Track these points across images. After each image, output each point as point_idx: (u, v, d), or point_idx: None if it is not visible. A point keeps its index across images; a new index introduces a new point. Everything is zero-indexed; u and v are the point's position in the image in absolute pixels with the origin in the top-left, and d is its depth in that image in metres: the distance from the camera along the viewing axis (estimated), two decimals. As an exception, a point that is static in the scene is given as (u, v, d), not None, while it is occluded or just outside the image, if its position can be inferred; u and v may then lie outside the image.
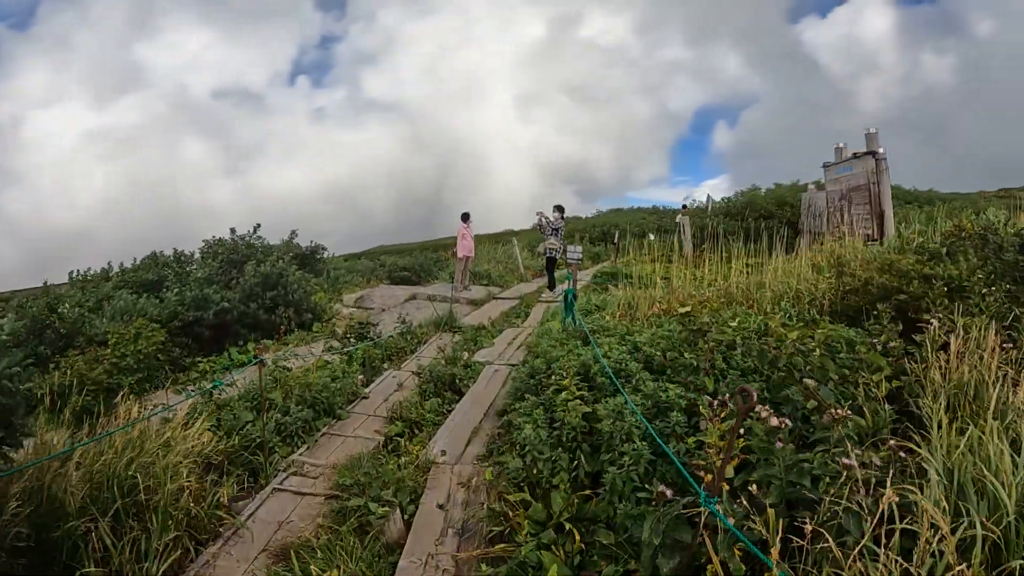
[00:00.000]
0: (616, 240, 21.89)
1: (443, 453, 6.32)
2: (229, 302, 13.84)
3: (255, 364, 6.57)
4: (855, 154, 16.70)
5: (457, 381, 8.49)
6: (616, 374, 5.93)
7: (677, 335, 6.90)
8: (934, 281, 7.69)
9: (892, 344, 5.58)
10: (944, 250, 10.01)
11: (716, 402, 4.05)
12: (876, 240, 16.07)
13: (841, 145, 18.79)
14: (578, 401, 5.49)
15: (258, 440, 6.40)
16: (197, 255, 18.93)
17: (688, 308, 7.76)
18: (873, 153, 16.09)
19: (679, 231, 23.64)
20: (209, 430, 6.35)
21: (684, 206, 31.88)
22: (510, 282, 19.34)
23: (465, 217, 17.77)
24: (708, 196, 28.50)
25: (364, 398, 8.31)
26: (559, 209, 16.83)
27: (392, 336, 10.89)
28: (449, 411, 7.65)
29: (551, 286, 16.87)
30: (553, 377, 6.31)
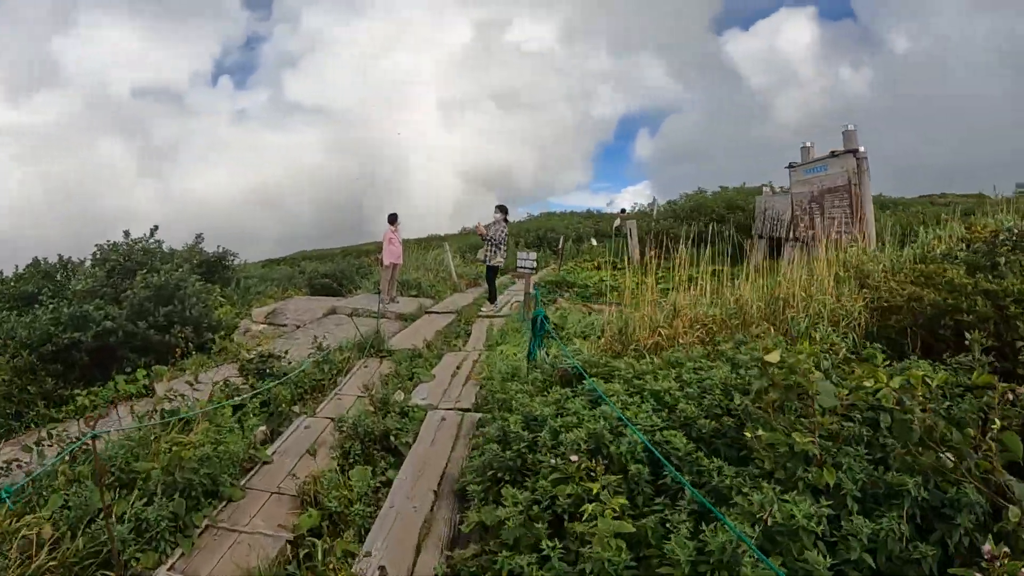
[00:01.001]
0: (560, 246, 20.03)
1: (381, 572, 4.21)
2: (114, 320, 11.55)
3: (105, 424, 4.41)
4: (833, 153, 15.22)
5: (392, 437, 6.30)
6: (653, 455, 4.01)
7: (725, 381, 5.17)
8: (1004, 298, 6.69)
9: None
10: (983, 260, 8.86)
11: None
12: (856, 244, 14.52)
13: (809, 144, 17.36)
14: (618, 522, 3.47)
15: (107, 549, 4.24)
16: (88, 263, 16.37)
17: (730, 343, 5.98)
18: (854, 151, 14.65)
19: (626, 236, 21.91)
20: (50, 521, 4.49)
21: (623, 210, 30.30)
22: (443, 293, 17.18)
23: (392, 219, 15.53)
24: (654, 199, 27.02)
25: (266, 463, 6.07)
26: (502, 210, 14.80)
27: (305, 368, 8.65)
28: (385, 487, 5.53)
29: (492, 298, 14.82)
30: (551, 457, 4.29)
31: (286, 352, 8.81)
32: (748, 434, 3.83)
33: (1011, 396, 3.67)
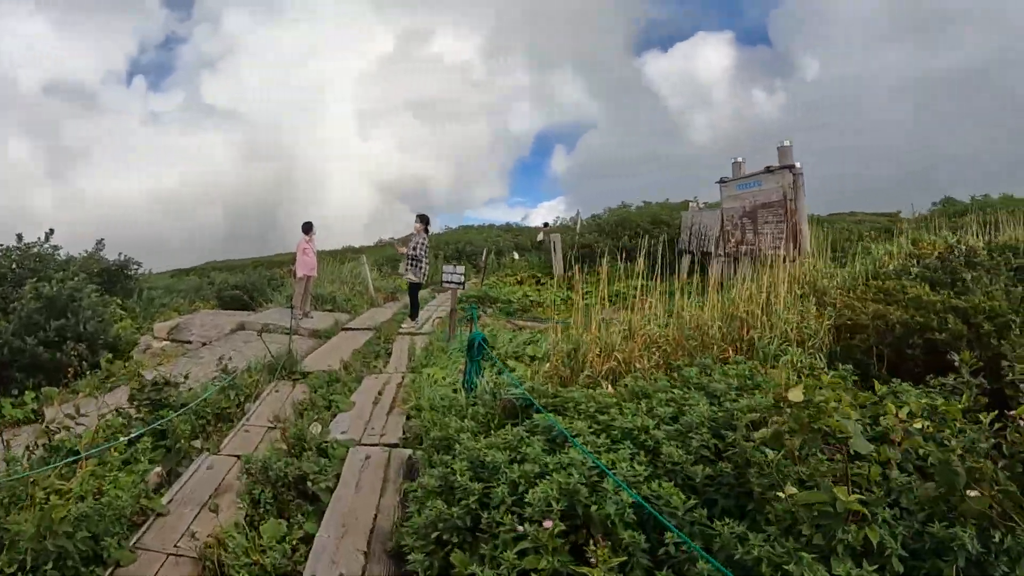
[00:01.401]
0: (484, 259, 19.33)
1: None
2: (-1, 335, 10.34)
3: None
4: (768, 168, 14.91)
5: (309, 482, 5.47)
6: (641, 513, 3.41)
7: (706, 415, 4.56)
8: (974, 316, 6.76)
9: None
10: (942, 276, 9.10)
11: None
12: (791, 261, 14.27)
13: (740, 160, 17.10)
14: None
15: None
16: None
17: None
18: (790, 167, 14.37)
19: (551, 249, 21.36)
20: None
21: (546, 224, 29.81)
22: (359, 307, 16.22)
23: (307, 228, 14.53)
24: (578, 212, 26.54)
25: (161, 515, 5.16)
26: (422, 220, 14.00)
27: (208, 398, 7.66)
28: (304, 544, 4.68)
29: (413, 315, 13.98)
30: (512, 519, 3.54)
31: (185, 376, 7.79)
32: (782, 494, 3.14)
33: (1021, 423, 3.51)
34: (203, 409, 7.23)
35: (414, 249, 13.58)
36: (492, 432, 5.29)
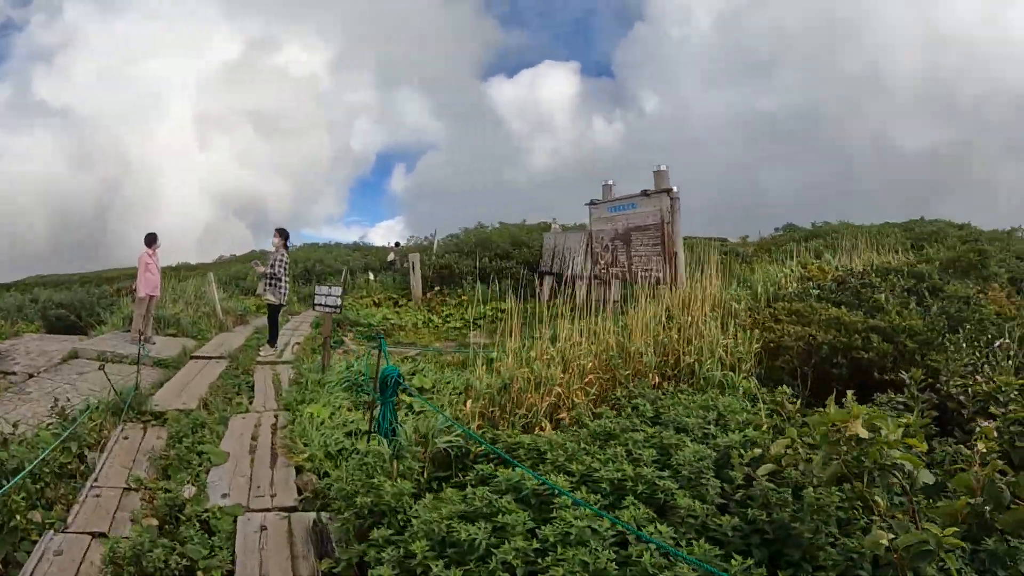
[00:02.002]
0: (344, 279, 17.96)
1: None
2: None
3: None
4: (645, 192, 14.57)
5: (200, 572, 4.22)
6: None
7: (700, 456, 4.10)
8: (896, 335, 7.20)
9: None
10: (847, 297, 9.43)
11: None
12: (667, 284, 13.96)
13: (610, 183, 16.75)
14: None
15: None
16: None
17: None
18: (668, 191, 14.07)
19: (409, 269, 20.24)
20: None
21: (397, 243, 28.62)
22: (207, 332, 14.36)
23: (150, 240, 12.57)
24: (435, 231, 25.50)
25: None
26: (281, 234, 12.59)
27: (45, 457, 6.05)
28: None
29: (272, 340, 12.48)
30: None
31: (14, 427, 6.24)
32: (883, 541, 2.79)
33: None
34: (40, 468, 5.72)
35: (273, 267, 12.17)
36: (430, 492, 4.32)
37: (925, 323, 7.71)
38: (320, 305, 10.29)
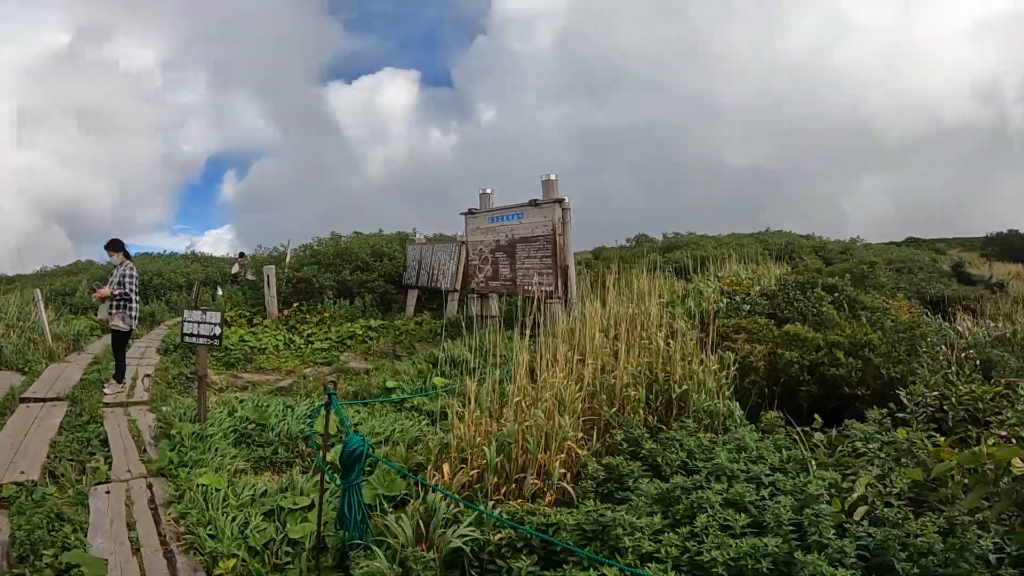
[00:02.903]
0: (195, 295, 15.44)
1: None
2: None
3: None
4: (534, 201, 13.32)
5: None
6: None
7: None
8: (859, 349, 7.23)
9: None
10: (793, 312, 9.17)
11: None
12: (559, 298, 12.80)
13: (488, 191, 15.39)
14: None
15: None
16: None
17: None
18: (559, 201, 12.93)
19: (263, 283, 17.94)
20: None
21: (242, 254, 25.98)
22: (36, 363, 11.41)
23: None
24: (289, 241, 23.06)
25: None
26: (115, 246, 10.23)
27: None
28: None
29: (119, 375, 10.12)
30: None
31: None
32: None
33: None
34: None
35: (121, 285, 9.90)
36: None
37: (881, 337, 7.73)
38: (191, 336, 8.16)
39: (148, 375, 11.05)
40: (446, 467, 4.91)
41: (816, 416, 5.64)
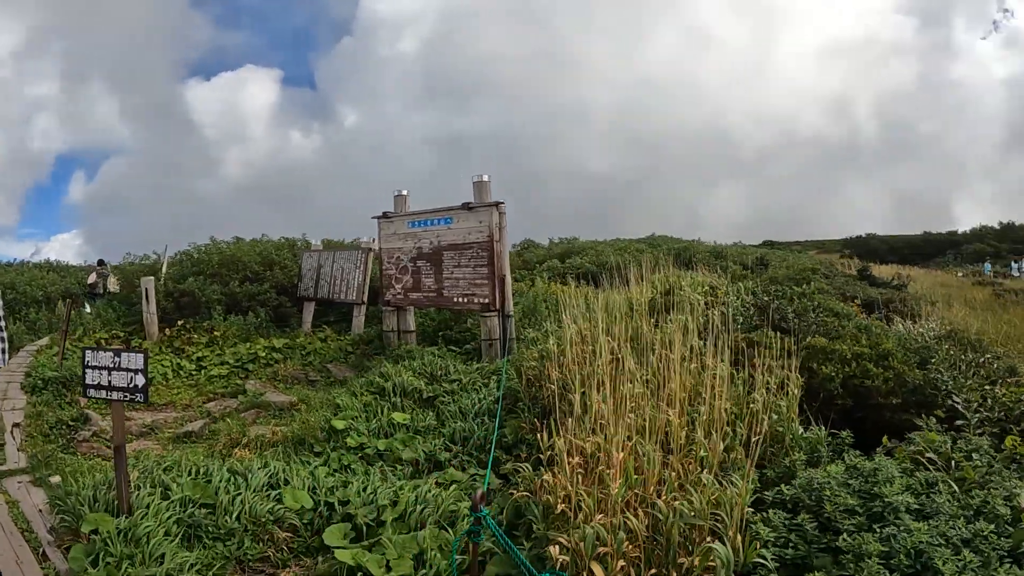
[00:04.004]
0: (67, 316, 12.63)
1: None
2: None
3: None
4: (467, 205, 11.68)
5: None
6: None
7: None
8: (885, 360, 6.86)
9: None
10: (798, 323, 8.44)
11: None
12: (495, 311, 11.29)
13: (404, 192, 13.54)
14: None
15: None
16: None
17: None
18: (496, 204, 11.36)
19: (143, 297, 15.19)
20: None
21: (101, 262, 22.55)
22: None
23: None
24: (166, 247, 20.05)
25: None
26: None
27: None
28: None
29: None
30: None
31: None
32: None
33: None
34: None
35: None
36: None
37: (896, 345, 7.55)
38: (98, 388, 5.87)
39: (17, 424, 8.61)
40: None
41: (846, 432, 5.39)
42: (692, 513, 3.95)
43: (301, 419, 8.74)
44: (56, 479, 6.51)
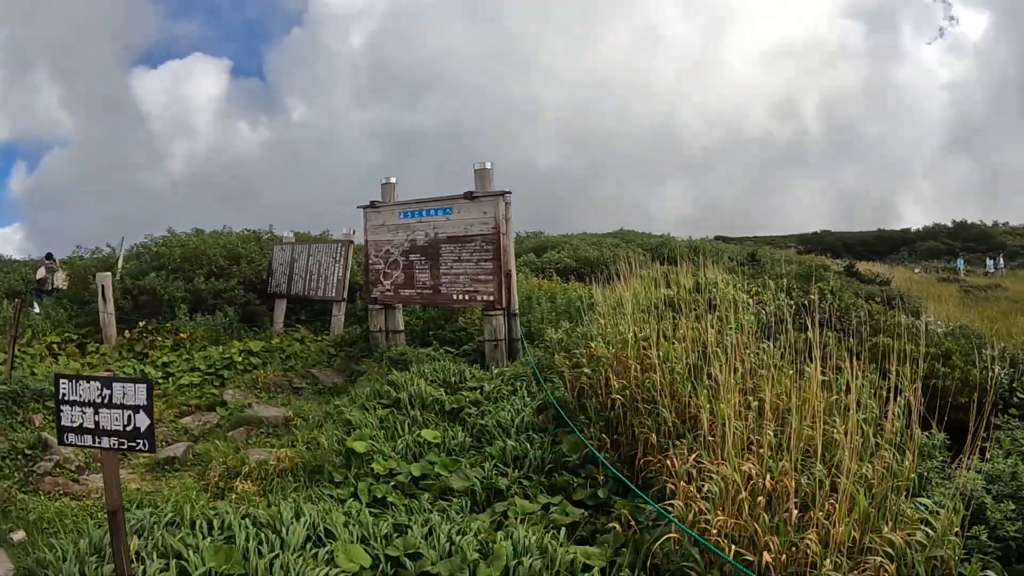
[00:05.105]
0: (16, 318, 10.75)
1: None
2: None
3: None
4: (470, 194, 10.39)
5: None
6: None
7: None
8: (953, 359, 6.94)
9: None
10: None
11: None
12: (501, 309, 10.03)
13: (392, 180, 12.10)
14: None
15: None
16: None
17: None
18: (502, 193, 10.14)
19: (99, 295, 13.39)
20: None
21: (49, 255, 20.44)
22: None
23: None
24: (122, 240, 18.13)
25: None
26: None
27: None
28: None
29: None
30: None
31: None
32: None
33: None
34: None
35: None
36: None
37: (954, 344, 7.57)
38: (79, 432, 4.34)
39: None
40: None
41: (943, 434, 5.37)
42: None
43: (305, 438, 7.35)
44: (19, 535, 5.04)
